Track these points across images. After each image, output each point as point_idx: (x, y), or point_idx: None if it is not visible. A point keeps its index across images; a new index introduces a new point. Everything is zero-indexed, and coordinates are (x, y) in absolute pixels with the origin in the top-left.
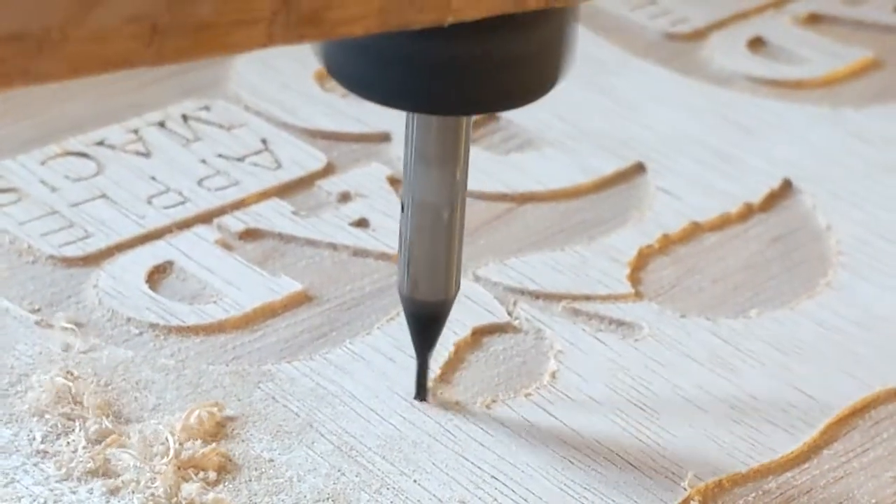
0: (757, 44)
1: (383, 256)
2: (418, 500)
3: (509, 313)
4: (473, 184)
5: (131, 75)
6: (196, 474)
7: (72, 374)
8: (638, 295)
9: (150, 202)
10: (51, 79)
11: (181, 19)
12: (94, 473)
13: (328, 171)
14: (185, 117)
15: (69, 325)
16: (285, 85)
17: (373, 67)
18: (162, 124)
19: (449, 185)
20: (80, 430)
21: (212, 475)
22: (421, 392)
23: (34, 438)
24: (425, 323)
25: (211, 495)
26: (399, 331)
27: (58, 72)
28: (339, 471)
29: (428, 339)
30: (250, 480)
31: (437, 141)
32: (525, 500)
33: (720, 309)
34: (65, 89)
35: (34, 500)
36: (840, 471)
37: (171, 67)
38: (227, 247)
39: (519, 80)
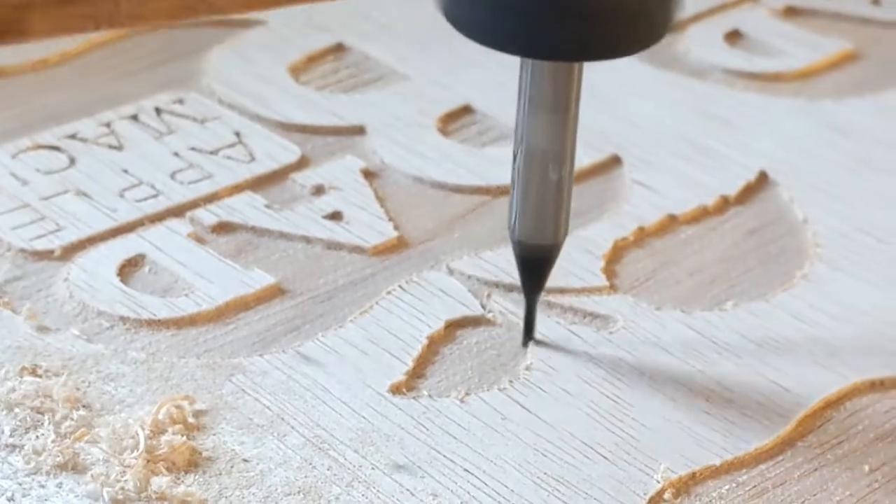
0: (734, 36)
1: (357, 249)
2: (390, 494)
3: (483, 306)
4: (447, 176)
5: (106, 68)
6: (166, 468)
7: (42, 368)
8: (613, 288)
9: (122, 195)
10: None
11: None
12: (63, 467)
13: (302, 164)
14: (158, 110)
15: (39, 319)
16: (259, 78)
17: (489, 13)
18: (135, 117)
19: (560, 132)
20: (49, 424)
21: (182, 469)
22: (528, 335)
23: (3, 432)
24: (534, 266)
25: (181, 489)
26: (372, 324)
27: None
28: (310, 464)
29: (536, 281)
30: (220, 474)
31: (549, 87)
32: (498, 492)
33: (695, 302)
34: (38, 82)
35: (2, 495)
36: (814, 463)
37: (145, 61)
38: (199, 240)
39: (631, 27)
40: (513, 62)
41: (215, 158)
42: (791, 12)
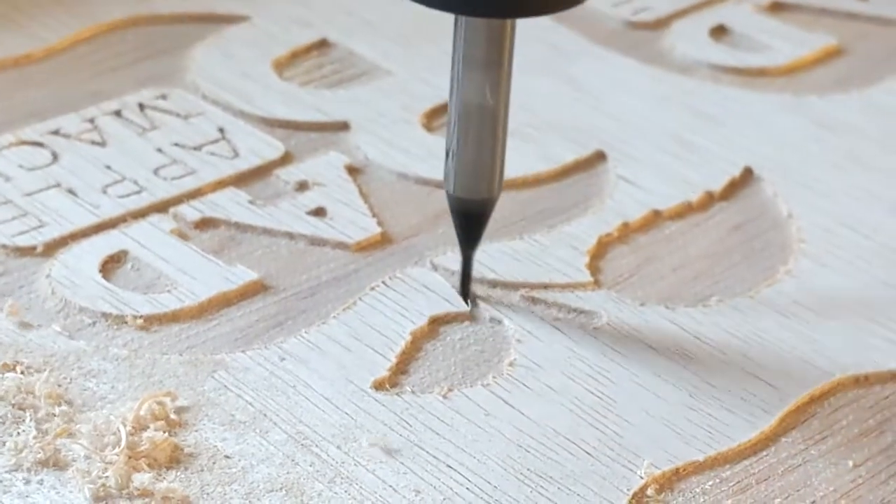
0: (720, 32)
1: (340, 245)
2: (373, 490)
3: (467, 302)
4: (432, 172)
5: (89, 64)
6: (148, 464)
7: (23, 364)
8: (597, 283)
9: (105, 191)
10: None
11: None
12: (44, 464)
13: (286, 160)
14: (141, 106)
15: (21, 315)
16: (243, 74)
17: None
18: (118, 113)
19: (494, 88)
20: (30, 421)
21: (164, 465)
22: (465, 292)
23: None
24: (469, 221)
25: (163, 485)
26: (355, 320)
27: None
28: (292, 460)
29: (471, 236)
30: (202, 470)
31: (483, 44)
32: (481, 489)
33: (679, 297)
34: (21, 78)
35: None
36: (798, 458)
37: (129, 56)
38: (182, 236)
39: None
40: None
41: (199, 154)
42: (776, 7)
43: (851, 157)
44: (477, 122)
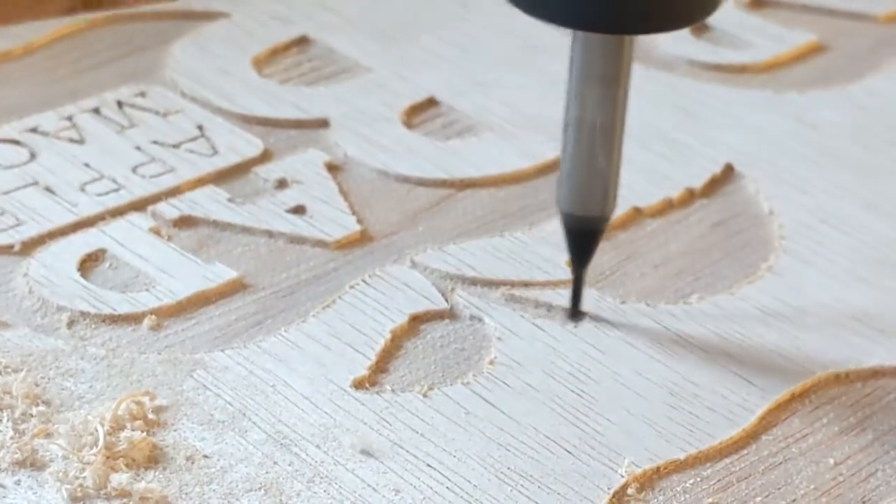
0: (701, 28)
1: (320, 243)
2: (352, 489)
3: (447, 300)
4: (412, 170)
5: (68, 61)
6: (126, 464)
7: (0, 364)
8: None
9: (83, 189)
10: None
11: None
12: (21, 464)
13: (265, 157)
14: (120, 104)
15: None
16: (222, 71)
17: None
18: (97, 111)
19: (610, 105)
20: (7, 421)
21: (142, 465)
22: (575, 307)
23: None
24: (582, 238)
25: (141, 485)
26: (335, 318)
27: None
28: (271, 460)
29: (584, 253)
30: (181, 470)
31: (600, 60)
32: (460, 487)
33: (660, 295)
34: None
35: None
36: (779, 456)
37: (107, 53)
38: (161, 234)
39: (681, 1)
40: (477, 55)
41: (177, 152)
42: (757, 4)
43: (832, 154)
44: (591, 139)
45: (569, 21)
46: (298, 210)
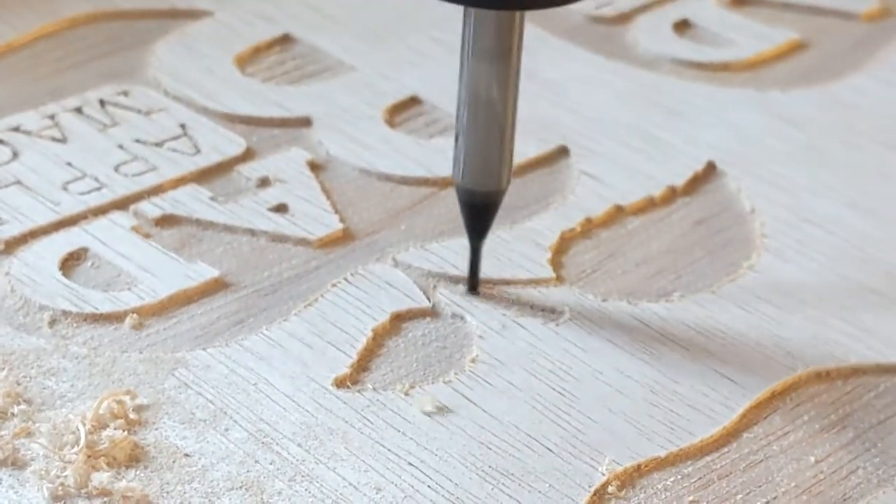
0: (683, 26)
1: (302, 242)
2: (333, 488)
3: (429, 298)
4: (394, 168)
5: (50, 60)
6: (107, 463)
7: None
8: (559, 279)
9: (65, 188)
10: None
11: None
12: (2, 463)
13: (247, 156)
14: (102, 102)
15: None
16: (205, 69)
17: None
18: (79, 110)
19: (503, 80)
20: None
21: (123, 464)
22: (473, 282)
23: None
24: (478, 212)
25: (122, 484)
26: (317, 317)
27: None
28: (253, 458)
29: (480, 228)
30: (162, 469)
31: (493, 36)
32: (442, 486)
33: (642, 293)
34: None
35: None
36: (760, 454)
37: (90, 52)
38: (143, 233)
39: None
40: (459, 52)
41: (160, 151)
42: (739, 2)
43: (814, 152)
44: (485, 114)
45: None
46: (281, 209)
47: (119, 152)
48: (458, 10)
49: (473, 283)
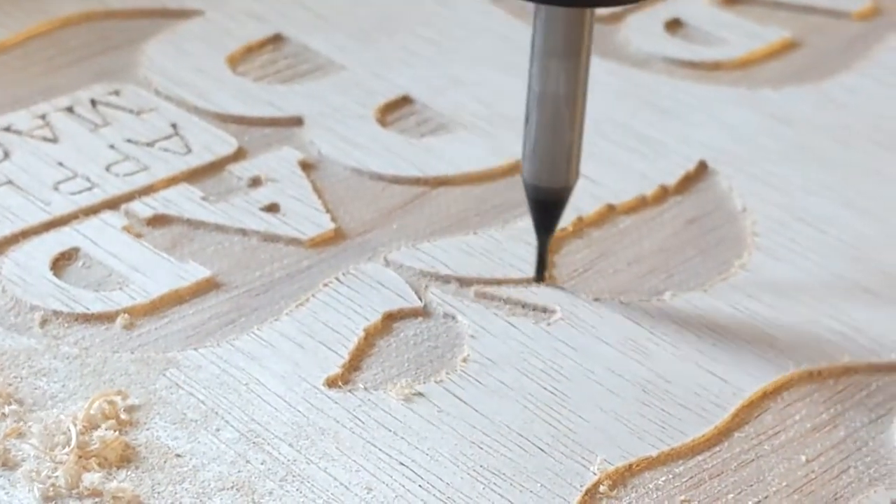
0: (675, 25)
1: (294, 241)
2: (324, 488)
3: (420, 298)
4: (386, 168)
5: (41, 60)
6: (98, 464)
7: None
8: (551, 278)
9: (56, 188)
10: None
11: None
12: None
13: (239, 155)
14: (93, 102)
15: None
16: (197, 69)
17: None
18: (70, 109)
19: (572, 77)
20: None
21: (114, 464)
22: (540, 272)
23: None
24: (546, 208)
25: (113, 484)
26: (308, 317)
27: None
28: (244, 458)
29: (548, 223)
30: (153, 469)
31: (562, 33)
32: (433, 486)
33: (634, 292)
34: None
35: None
36: (751, 453)
37: (81, 52)
38: (134, 233)
39: None
40: (453, 52)
41: (151, 150)
42: (731, 1)
43: (805, 151)
44: (554, 112)
45: None
46: (272, 208)
47: (110, 152)
48: (449, 8)
49: (540, 275)
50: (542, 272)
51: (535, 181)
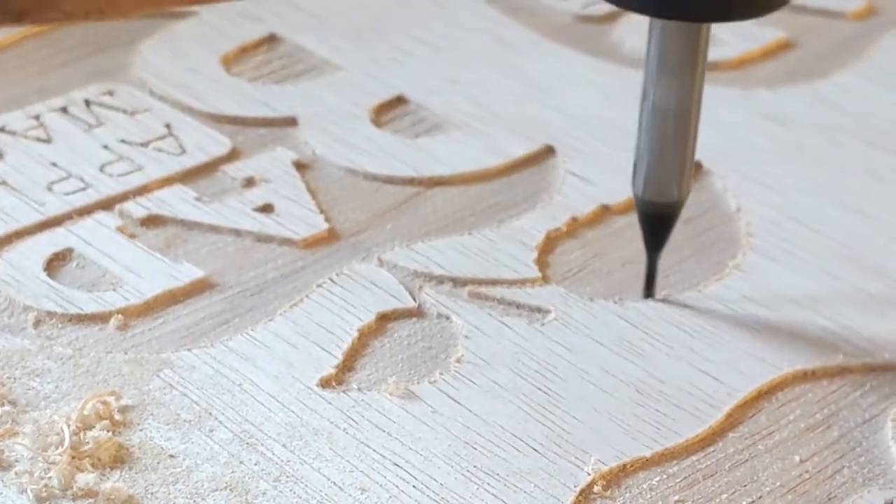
0: None
1: (287, 242)
2: (318, 489)
3: (415, 298)
4: (380, 168)
5: (35, 60)
6: (91, 464)
7: None
8: (545, 279)
9: (50, 189)
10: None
11: None
12: None
13: (233, 156)
14: (87, 102)
15: None
16: (191, 69)
17: None
18: (64, 110)
19: (686, 92)
20: None
21: (108, 465)
22: (649, 289)
23: None
24: (656, 223)
25: (106, 485)
26: (302, 317)
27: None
28: (237, 459)
29: (658, 238)
30: (147, 470)
31: (677, 48)
32: (427, 486)
33: (628, 292)
34: None
35: None
36: (745, 453)
37: (75, 52)
38: (128, 233)
39: None
40: (448, 52)
41: (145, 151)
42: None
43: (800, 151)
44: (668, 126)
45: (648, 9)
46: (266, 209)
47: (104, 152)
48: (444, 8)
49: (650, 291)
50: (651, 289)
51: (646, 196)
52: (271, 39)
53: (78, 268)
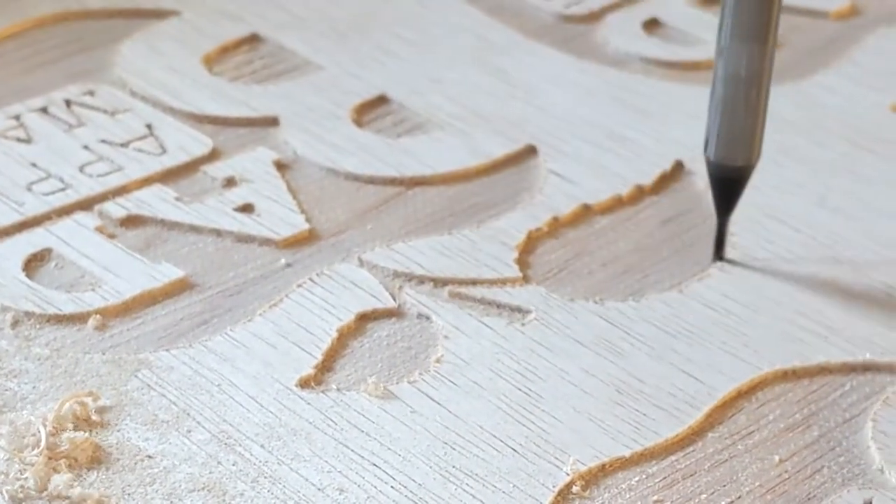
0: (653, 25)
1: (267, 242)
2: (296, 489)
3: (395, 298)
4: (361, 168)
5: (15, 60)
6: (67, 465)
7: None
8: (526, 279)
9: (29, 189)
10: None
11: None
12: None
13: (214, 156)
14: (68, 102)
15: None
16: (172, 69)
17: None
18: (44, 110)
19: (759, 59)
20: None
21: (84, 466)
22: (719, 251)
23: None
24: (727, 186)
25: (83, 487)
26: (282, 317)
27: None
28: (215, 460)
29: (728, 201)
30: (123, 471)
31: (750, 16)
32: (405, 486)
33: (609, 292)
34: None
35: None
36: (725, 453)
37: (56, 52)
38: (107, 234)
39: None
40: (430, 52)
41: (126, 151)
42: (709, 1)
43: (782, 150)
44: (741, 92)
45: None
46: (246, 209)
47: (84, 153)
48: (426, 8)
49: (720, 254)
50: (721, 251)
51: (718, 159)
52: (252, 39)
53: (56, 268)
